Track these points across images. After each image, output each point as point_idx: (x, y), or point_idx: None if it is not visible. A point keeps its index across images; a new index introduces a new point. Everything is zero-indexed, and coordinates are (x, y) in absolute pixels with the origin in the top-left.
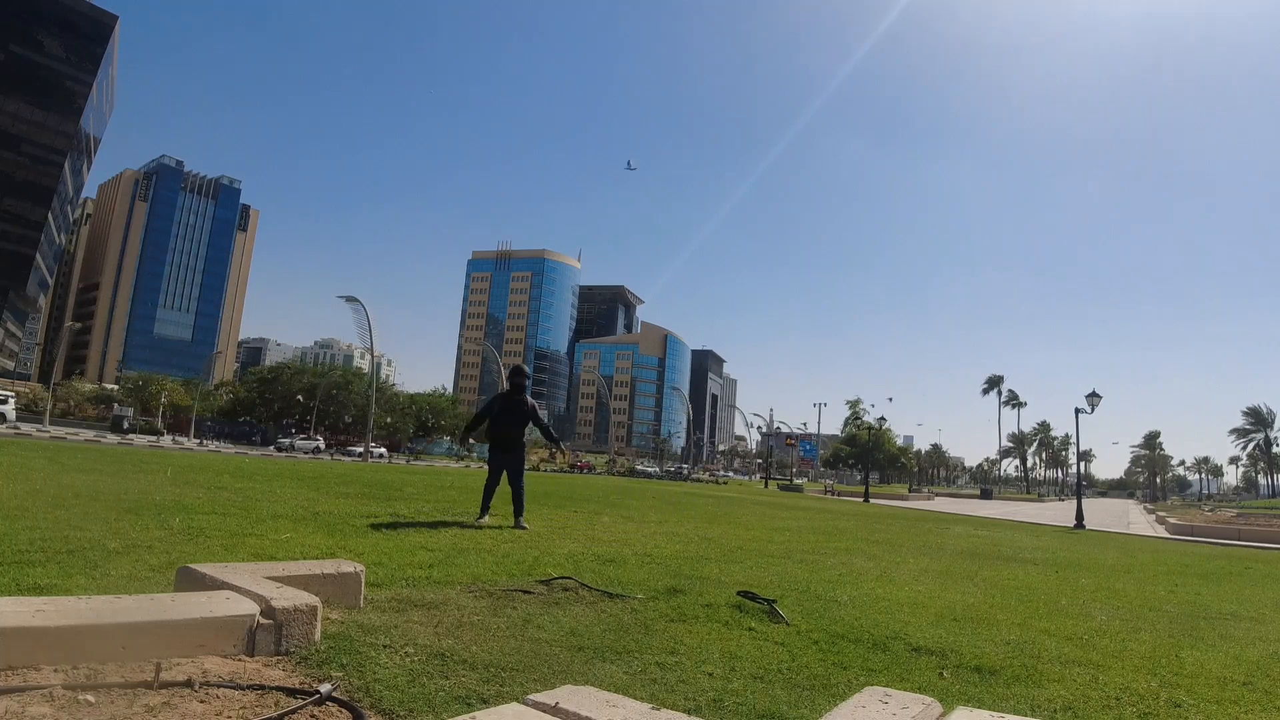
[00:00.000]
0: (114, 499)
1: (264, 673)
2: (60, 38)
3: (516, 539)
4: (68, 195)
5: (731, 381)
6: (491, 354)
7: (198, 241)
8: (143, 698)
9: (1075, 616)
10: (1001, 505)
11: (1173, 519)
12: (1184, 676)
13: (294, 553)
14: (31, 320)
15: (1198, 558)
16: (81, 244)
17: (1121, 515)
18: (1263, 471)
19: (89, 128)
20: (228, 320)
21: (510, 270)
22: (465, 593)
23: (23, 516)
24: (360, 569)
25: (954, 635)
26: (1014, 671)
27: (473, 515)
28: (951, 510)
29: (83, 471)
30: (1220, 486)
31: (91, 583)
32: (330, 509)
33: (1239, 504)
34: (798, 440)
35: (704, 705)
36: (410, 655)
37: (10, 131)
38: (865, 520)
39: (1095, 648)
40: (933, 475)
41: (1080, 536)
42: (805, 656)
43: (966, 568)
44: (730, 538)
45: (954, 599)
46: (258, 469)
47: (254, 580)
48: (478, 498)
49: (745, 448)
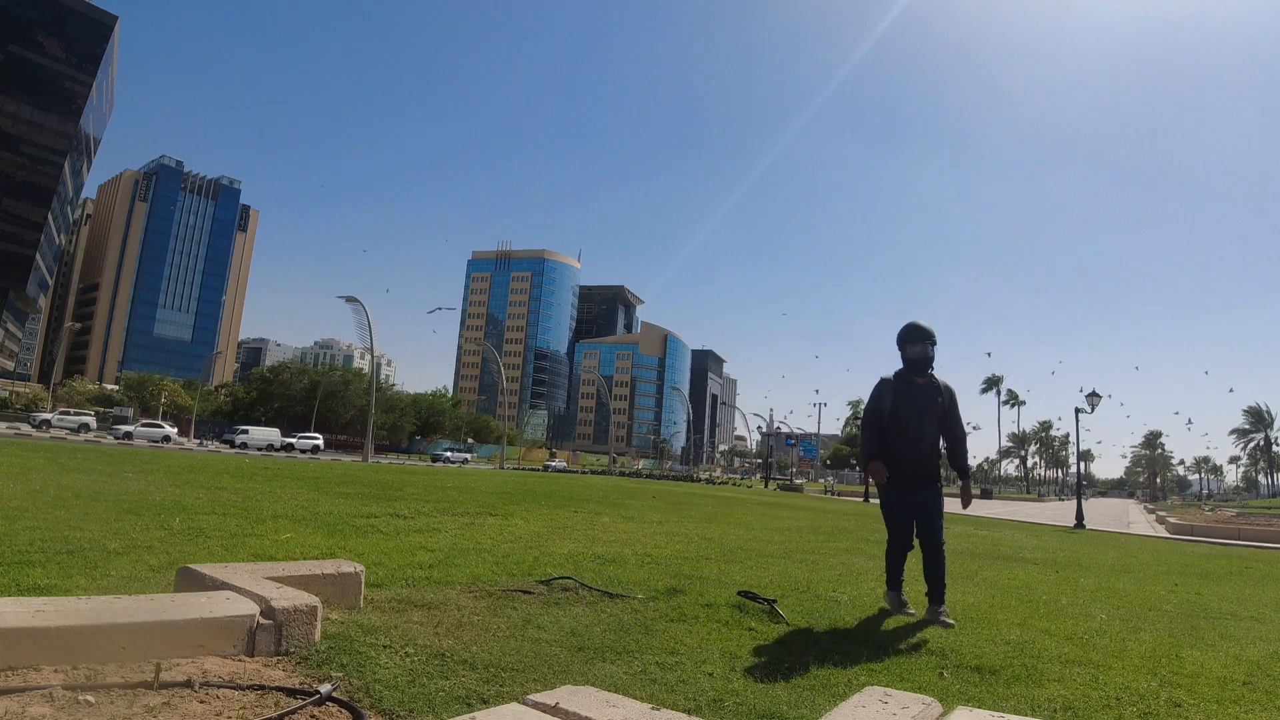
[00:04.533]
0: (114, 499)
1: (264, 673)
2: (60, 38)
3: (517, 539)
4: (68, 195)
5: (731, 381)
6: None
7: (198, 242)
8: (143, 698)
9: (1075, 616)
10: (1001, 505)
11: (1173, 519)
12: (1184, 676)
13: (294, 553)
14: (31, 320)
15: (1198, 557)
16: (81, 244)
17: (1121, 515)
18: (1263, 471)
19: (89, 128)
20: (228, 320)
21: (510, 270)
22: (465, 593)
23: (23, 517)
24: (360, 569)
25: (954, 635)
26: (1014, 671)
27: (474, 515)
28: (951, 510)
29: (83, 472)
30: (1220, 486)
31: (91, 583)
32: (330, 509)
33: (1239, 504)
34: (798, 440)
35: (704, 705)
36: (410, 655)
37: (10, 132)
38: (865, 520)
39: (1095, 647)
40: None
41: (1080, 536)
42: (805, 656)
43: (966, 568)
44: (730, 538)
45: (954, 599)
46: (258, 469)
47: (254, 581)
48: (478, 497)
49: (745, 447)
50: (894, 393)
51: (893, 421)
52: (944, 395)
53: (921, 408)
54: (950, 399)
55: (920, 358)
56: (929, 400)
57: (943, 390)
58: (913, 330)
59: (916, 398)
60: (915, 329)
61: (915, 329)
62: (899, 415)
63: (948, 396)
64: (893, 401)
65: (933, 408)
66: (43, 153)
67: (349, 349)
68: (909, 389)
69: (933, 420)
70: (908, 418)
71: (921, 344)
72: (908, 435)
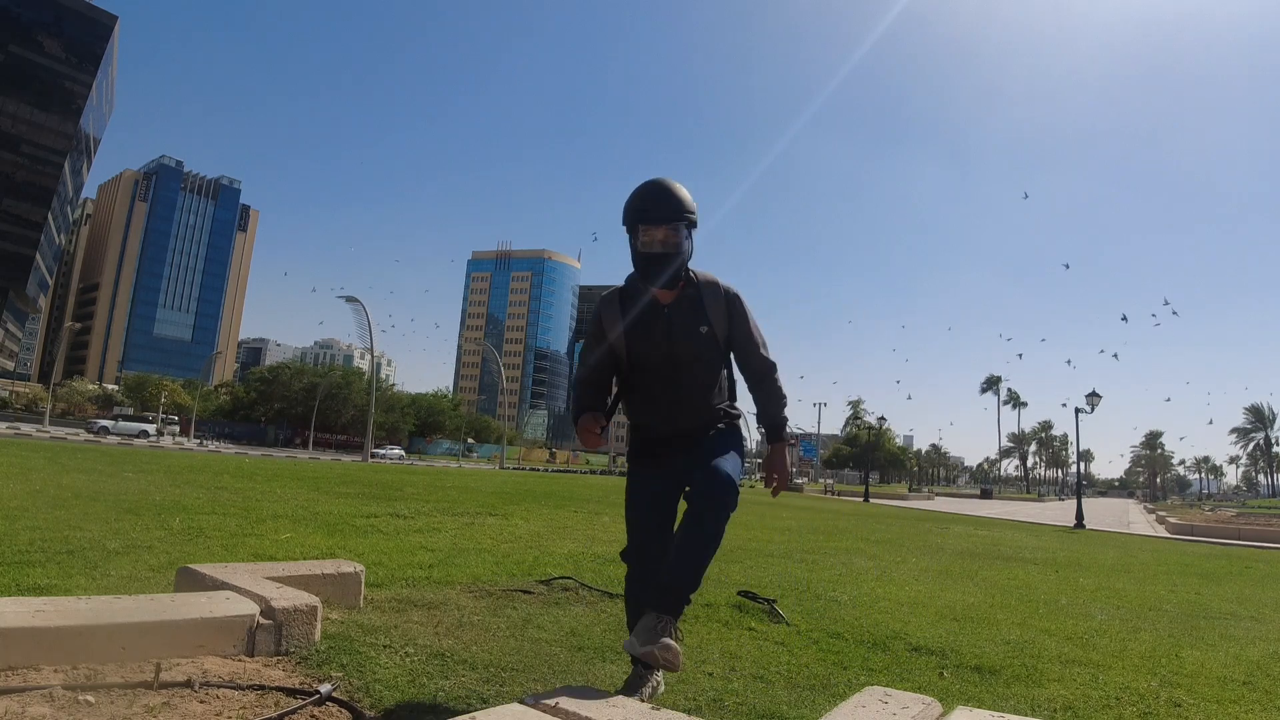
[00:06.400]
0: (114, 499)
1: (264, 673)
2: (60, 38)
3: (517, 539)
4: (68, 195)
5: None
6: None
7: (198, 241)
8: (143, 698)
9: (1075, 616)
10: (1001, 505)
11: (1173, 519)
12: (1184, 676)
13: (294, 553)
14: (31, 320)
15: (1198, 557)
16: (81, 244)
17: (1121, 515)
18: (1263, 471)
19: (89, 128)
20: (228, 320)
21: (510, 270)
22: (465, 593)
23: (23, 516)
24: (360, 569)
25: (954, 635)
26: (1014, 671)
27: (474, 515)
28: (951, 510)
29: (83, 472)
30: (1221, 486)
31: (91, 583)
32: (330, 509)
33: (1239, 504)
34: (798, 440)
35: (704, 705)
36: (410, 655)
37: (10, 132)
38: (865, 520)
39: (1095, 647)
40: (933, 475)
41: (1080, 536)
42: (805, 656)
43: (966, 567)
44: (730, 537)
45: (954, 599)
46: (258, 469)
47: (254, 581)
48: (478, 497)
49: (745, 447)
50: (622, 321)
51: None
52: (715, 311)
53: (672, 342)
54: (731, 311)
55: (661, 254)
56: (685, 327)
57: (712, 302)
58: (647, 196)
59: (660, 325)
60: (651, 193)
61: (651, 193)
62: (633, 358)
63: (723, 309)
64: (623, 337)
65: (693, 340)
66: (43, 153)
67: (349, 349)
68: (648, 312)
69: (694, 360)
70: (648, 360)
71: (663, 226)
72: (651, 389)
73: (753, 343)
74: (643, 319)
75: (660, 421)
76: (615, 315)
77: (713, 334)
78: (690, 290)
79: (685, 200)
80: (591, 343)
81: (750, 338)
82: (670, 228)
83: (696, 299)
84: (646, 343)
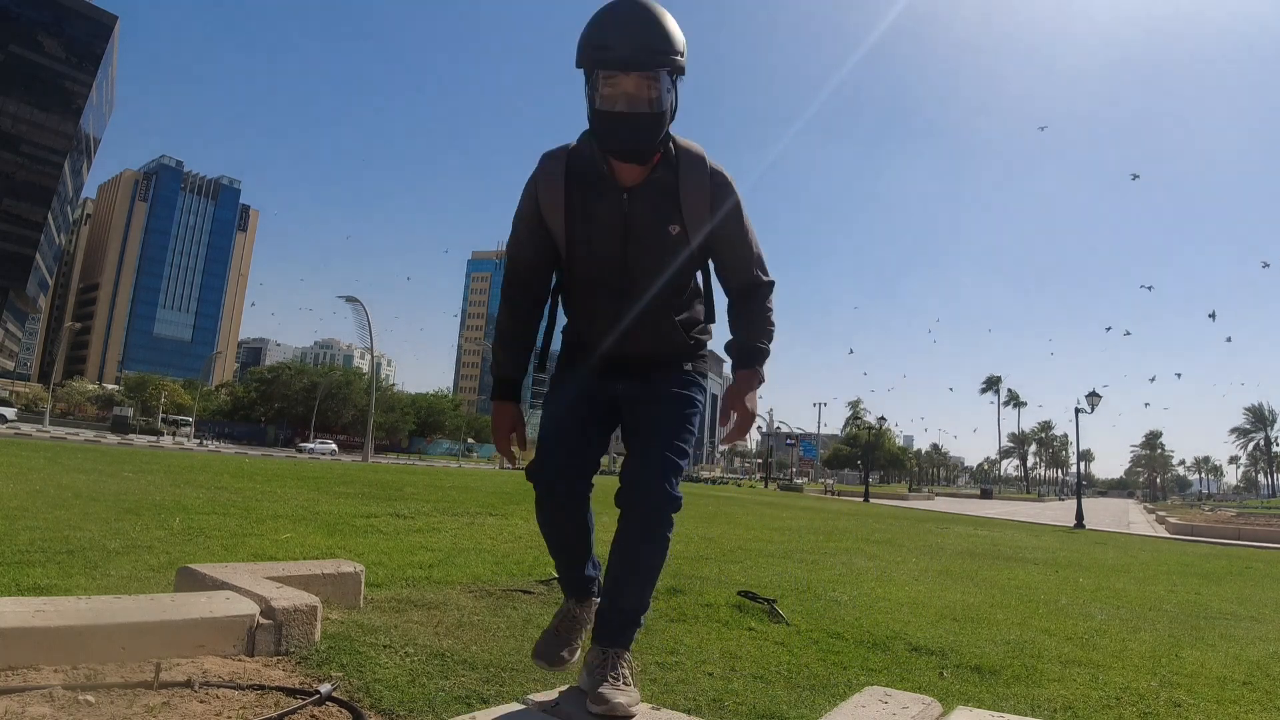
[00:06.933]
0: (114, 499)
1: (264, 673)
2: (60, 38)
3: (517, 539)
4: (68, 195)
5: None
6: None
7: (198, 241)
8: (143, 698)
9: (1075, 616)
10: (1001, 505)
11: (1173, 519)
12: (1184, 676)
13: (294, 553)
14: (31, 320)
15: (1198, 557)
16: (81, 244)
17: (1121, 515)
18: (1263, 471)
19: (89, 128)
20: (228, 320)
21: None
22: (465, 593)
23: (23, 516)
24: (360, 569)
25: (954, 635)
26: (1014, 671)
27: (474, 515)
28: (951, 510)
29: (83, 472)
30: (1220, 486)
31: (91, 583)
32: (330, 509)
33: (1239, 504)
34: (798, 440)
35: (704, 705)
36: (410, 655)
37: (10, 132)
38: (865, 520)
39: (1095, 647)
40: (933, 475)
41: (1080, 536)
42: (805, 656)
43: (966, 567)
44: (730, 537)
45: (954, 599)
46: (258, 469)
47: (254, 580)
48: (478, 497)
49: (745, 447)
50: (566, 200)
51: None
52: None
53: (626, 245)
54: (716, 201)
55: (629, 114)
56: (648, 225)
57: (693, 189)
58: (612, 26)
59: (615, 218)
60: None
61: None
62: (572, 258)
63: (706, 198)
64: (565, 223)
65: (657, 245)
66: (43, 153)
67: (349, 349)
68: (600, 195)
69: (655, 270)
70: (590, 263)
71: (635, 73)
72: (593, 301)
73: (745, 246)
74: (590, 205)
75: (603, 341)
76: (558, 186)
77: (684, 235)
78: (664, 171)
79: (671, 34)
80: (522, 229)
81: (741, 240)
82: (646, 76)
83: (670, 184)
84: (590, 242)
